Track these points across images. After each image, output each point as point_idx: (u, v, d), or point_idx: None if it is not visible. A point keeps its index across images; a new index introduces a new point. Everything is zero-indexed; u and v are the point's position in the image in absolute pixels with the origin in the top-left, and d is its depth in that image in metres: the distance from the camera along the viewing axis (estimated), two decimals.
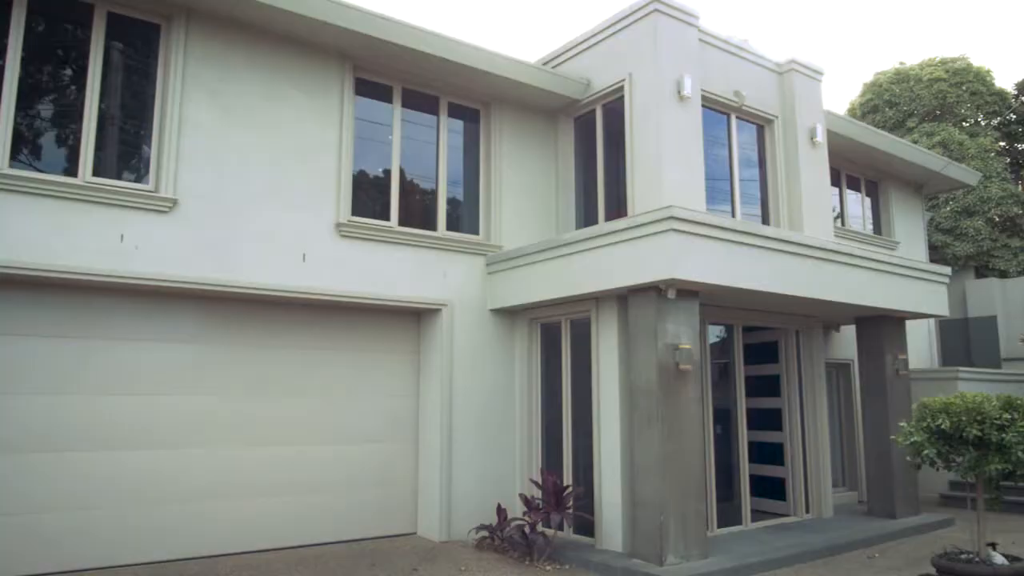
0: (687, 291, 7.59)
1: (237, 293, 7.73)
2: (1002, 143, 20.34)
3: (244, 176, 7.83)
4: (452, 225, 9.48)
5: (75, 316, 7.22)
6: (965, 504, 7.35)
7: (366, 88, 8.96)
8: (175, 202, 7.37)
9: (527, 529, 7.83)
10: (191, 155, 7.54)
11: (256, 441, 8.07)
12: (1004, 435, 6.09)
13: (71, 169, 7.10)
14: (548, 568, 7.51)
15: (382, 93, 9.09)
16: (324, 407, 8.56)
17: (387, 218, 8.89)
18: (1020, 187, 18.62)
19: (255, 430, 8.08)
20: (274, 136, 8.08)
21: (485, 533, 8.30)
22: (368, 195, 8.91)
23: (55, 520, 6.94)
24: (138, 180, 7.43)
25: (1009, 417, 6.16)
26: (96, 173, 7.18)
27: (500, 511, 8.32)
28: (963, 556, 6.50)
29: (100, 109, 7.31)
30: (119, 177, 7.36)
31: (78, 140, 7.17)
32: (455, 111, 9.72)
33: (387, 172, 9.08)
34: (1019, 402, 6.35)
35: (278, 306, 8.34)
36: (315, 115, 8.39)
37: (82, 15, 7.32)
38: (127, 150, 7.56)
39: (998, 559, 6.35)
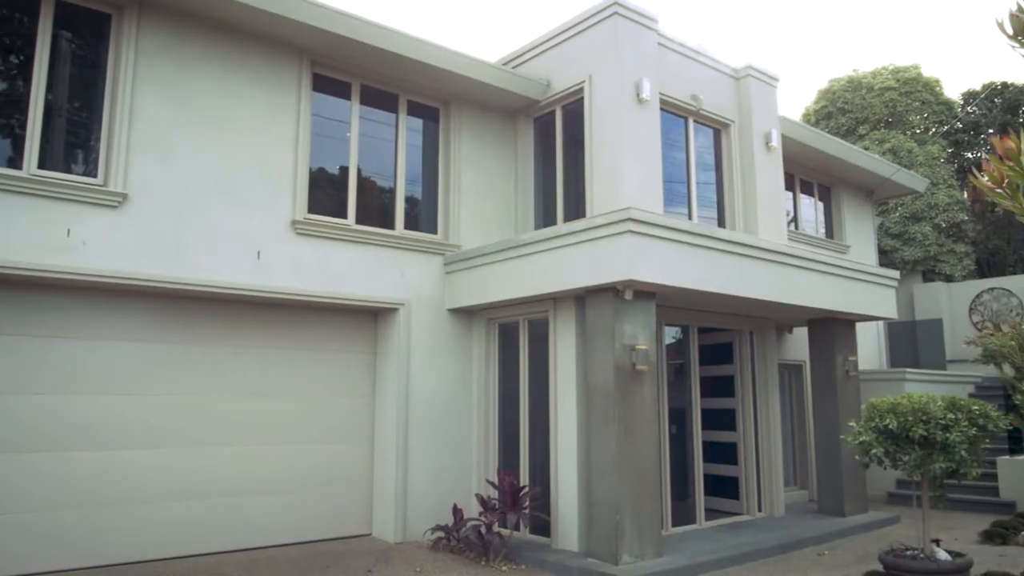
0: (644, 292, 7.65)
1: (190, 291, 7.57)
2: (949, 151, 20.95)
3: (197, 171, 7.66)
4: (410, 224, 9.41)
5: (15, 313, 6.97)
6: (911, 502, 7.53)
7: (324, 84, 8.84)
8: (125, 197, 7.18)
9: (483, 529, 7.81)
10: (142, 149, 7.35)
11: (209, 442, 7.91)
12: (948, 435, 6.25)
13: (15, 161, 6.87)
14: (504, 568, 7.50)
15: (340, 89, 8.98)
16: (279, 407, 8.43)
17: (344, 216, 8.79)
18: (965, 194, 19.18)
19: (208, 431, 7.91)
20: (228, 131, 7.92)
21: (441, 534, 8.25)
22: (325, 193, 8.79)
23: None
24: (86, 174, 7.22)
25: (953, 417, 6.31)
26: (42, 166, 6.95)
27: (456, 511, 8.28)
28: (909, 552, 6.65)
29: (47, 100, 7.08)
30: (67, 170, 7.15)
31: (23, 131, 6.93)
32: (414, 109, 9.65)
33: (344, 170, 8.98)
34: (963, 403, 6.51)
35: (232, 304, 8.18)
36: (271, 110, 8.24)
37: (29, 2, 7.08)
38: (75, 143, 7.35)
39: (942, 555, 6.52)
